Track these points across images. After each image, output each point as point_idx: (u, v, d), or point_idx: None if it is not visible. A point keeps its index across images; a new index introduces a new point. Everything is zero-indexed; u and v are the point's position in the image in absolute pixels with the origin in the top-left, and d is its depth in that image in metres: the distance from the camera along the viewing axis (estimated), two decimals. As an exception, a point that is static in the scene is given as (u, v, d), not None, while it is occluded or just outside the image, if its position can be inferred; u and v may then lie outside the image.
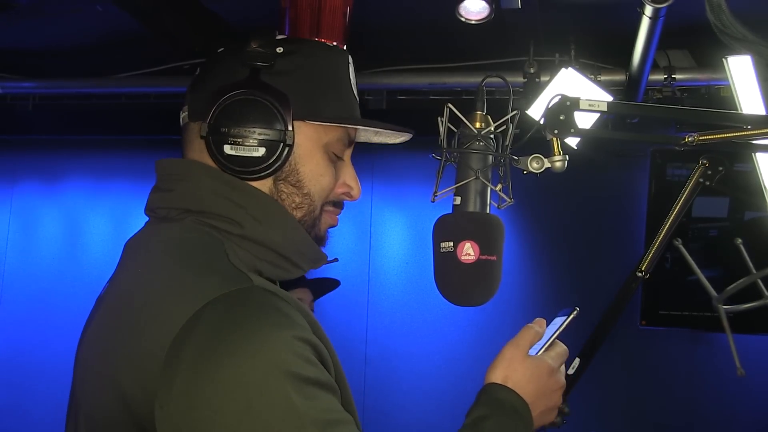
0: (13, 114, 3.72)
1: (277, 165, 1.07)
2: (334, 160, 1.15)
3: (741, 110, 1.82)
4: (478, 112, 1.23)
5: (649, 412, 3.32)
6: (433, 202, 1.24)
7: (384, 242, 3.65)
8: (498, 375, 1.14)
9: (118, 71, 3.44)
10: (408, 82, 3.25)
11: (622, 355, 3.25)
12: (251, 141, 1.06)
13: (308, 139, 1.11)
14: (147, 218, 1.15)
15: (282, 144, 1.07)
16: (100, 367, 1.00)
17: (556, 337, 1.19)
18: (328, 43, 1.20)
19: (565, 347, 1.20)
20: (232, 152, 1.06)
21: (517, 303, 3.44)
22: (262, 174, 1.07)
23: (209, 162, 1.09)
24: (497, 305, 3.28)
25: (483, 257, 1.15)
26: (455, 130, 1.23)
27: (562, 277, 3.46)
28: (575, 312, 1.22)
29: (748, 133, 1.31)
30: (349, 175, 1.17)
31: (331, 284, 2.54)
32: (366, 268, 3.63)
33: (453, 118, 1.22)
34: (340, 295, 2.78)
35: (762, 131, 1.30)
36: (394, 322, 3.57)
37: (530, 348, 1.17)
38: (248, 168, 1.07)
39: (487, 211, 1.21)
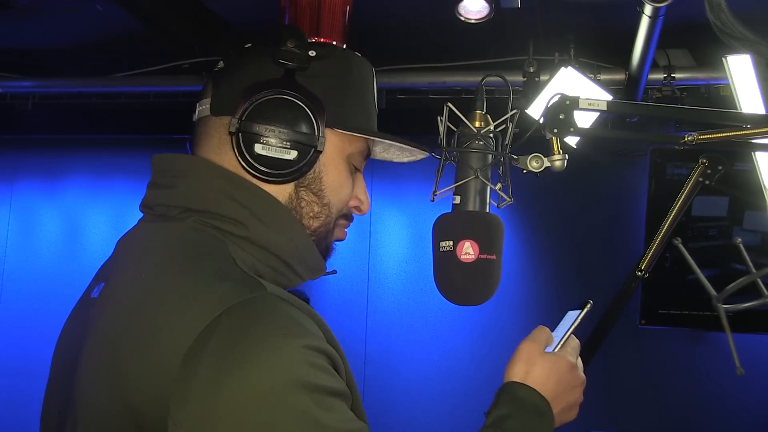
0: (12, 113, 3.72)
1: (304, 170, 1.05)
2: (353, 171, 1.14)
3: (740, 109, 1.82)
4: (478, 111, 1.23)
5: (648, 411, 3.32)
6: (433, 201, 1.24)
7: (383, 241, 3.65)
8: (517, 372, 1.12)
9: (118, 70, 3.44)
10: (408, 81, 3.25)
11: (622, 355, 3.25)
12: (284, 143, 1.03)
13: (334, 148, 1.09)
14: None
15: (313, 149, 1.05)
16: (105, 377, 0.95)
17: (572, 332, 1.17)
18: (357, 54, 1.18)
19: (578, 342, 1.18)
20: (263, 152, 1.03)
21: (517, 302, 3.44)
22: (289, 178, 1.05)
23: (225, 159, 1.06)
24: (497, 304, 3.30)
25: (483, 256, 1.14)
26: (455, 129, 1.23)
27: (562, 277, 3.46)
28: (589, 305, 1.20)
29: (748, 132, 1.31)
30: (361, 189, 1.16)
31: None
32: (366, 267, 3.63)
33: (453, 117, 1.22)
34: (339, 295, 2.79)
35: (761, 130, 1.30)
36: (393, 321, 3.57)
37: (546, 346, 1.16)
38: (276, 170, 1.04)
39: (487, 210, 1.21)
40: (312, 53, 1.08)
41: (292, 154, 1.04)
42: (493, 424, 1.07)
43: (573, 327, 1.18)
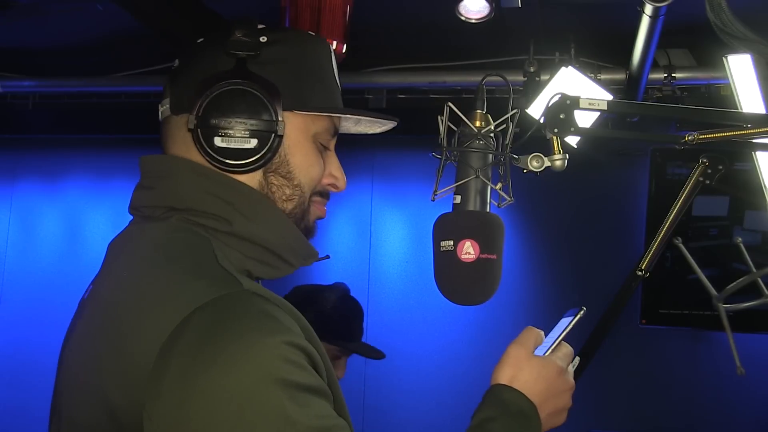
0: (13, 113, 3.72)
1: (268, 156, 1.05)
2: (321, 150, 1.13)
3: (741, 109, 1.82)
4: (478, 111, 1.23)
5: (649, 410, 3.32)
6: (433, 200, 1.24)
7: (384, 241, 3.65)
8: (504, 375, 1.12)
9: (118, 70, 3.44)
10: (408, 80, 3.25)
11: (623, 354, 3.25)
12: (242, 132, 1.03)
13: (297, 130, 1.09)
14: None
15: (273, 135, 1.05)
16: (85, 376, 0.97)
17: (563, 338, 1.17)
18: (310, 33, 1.18)
19: (570, 348, 1.18)
20: (223, 144, 1.03)
21: (518, 302, 3.44)
22: (253, 166, 1.05)
23: (194, 156, 1.06)
24: (497, 304, 3.29)
25: (483, 256, 1.14)
26: (455, 129, 1.23)
27: (563, 276, 3.46)
28: (582, 312, 1.19)
29: (748, 131, 1.31)
30: (334, 166, 1.16)
31: (376, 354, 2.48)
32: (366, 267, 3.63)
33: (453, 116, 1.22)
34: (340, 294, 2.80)
35: (762, 130, 1.30)
36: (394, 321, 3.57)
37: (535, 347, 1.16)
38: (239, 160, 1.04)
39: (487, 210, 1.21)
40: (263, 39, 1.08)
41: (253, 143, 1.04)
42: (477, 426, 1.07)
43: (564, 333, 1.17)
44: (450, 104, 1.22)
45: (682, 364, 3.32)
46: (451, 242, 1.15)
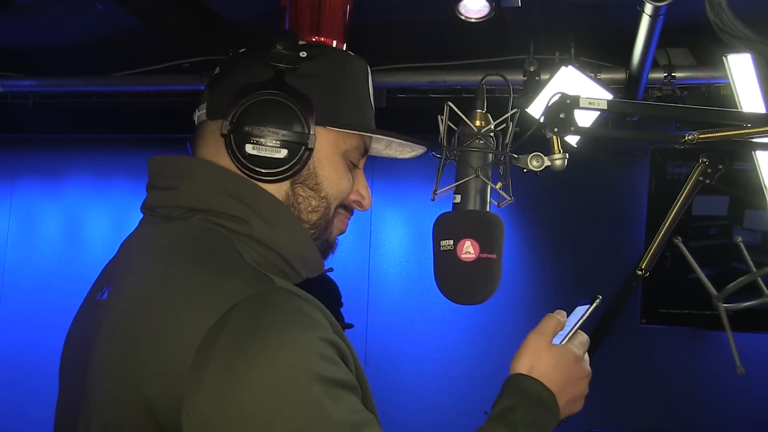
0: (12, 112, 3.72)
1: (296, 168, 1.07)
2: (351, 167, 1.15)
3: (741, 108, 1.82)
4: (478, 111, 1.23)
5: (648, 410, 3.32)
6: (433, 200, 1.24)
7: (384, 240, 3.65)
8: (523, 365, 1.13)
9: (118, 69, 3.44)
10: (408, 80, 3.25)
11: (623, 353, 3.25)
12: (274, 142, 1.05)
13: (328, 145, 1.11)
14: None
15: (304, 147, 1.06)
16: (119, 374, 0.96)
17: (579, 327, 1.18)
18: (350, 53, 1.19)
19: (586, 336, 1.19)
20: (254, 152, 1.05)
21: (518, 301, 3.44)
22: (282, 176, 1.07)
23: (224, 161, 1.08)
24: (497, 303, 3.30)
25: (483, 255, 1.14)
26: (455, 129, 1.23)
27: (562, 276, 3.46)
28: (597, 300, 1.20)
29: (748, 131, 1.31)
30: (361, 185, 1.17)
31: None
32: (366, 266, 3.63)
33: (453, 116, 1.22)
34: (340, 294, 2.81)
35: (762, 129, 1.30)
36: (394, 320, 3.57)
37: (554, 334, 1.16)
38: (268, 169, 1.06)
39: (487, 210, 1.21)
40: (303, 54, 1.10)
41: (283, 153, 1.06)
42: (498, 416, 1.08)
43: (580, 321, 1.19)
44: (450, 104, 1.22)
45: (681, 364, 3.32)
46: (451, 242, 1.15)
